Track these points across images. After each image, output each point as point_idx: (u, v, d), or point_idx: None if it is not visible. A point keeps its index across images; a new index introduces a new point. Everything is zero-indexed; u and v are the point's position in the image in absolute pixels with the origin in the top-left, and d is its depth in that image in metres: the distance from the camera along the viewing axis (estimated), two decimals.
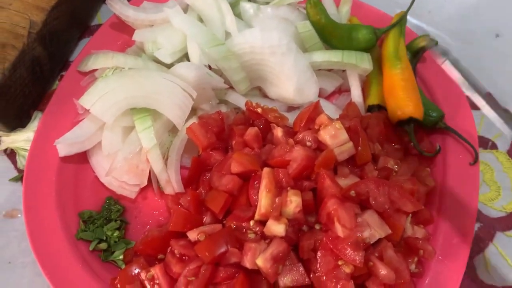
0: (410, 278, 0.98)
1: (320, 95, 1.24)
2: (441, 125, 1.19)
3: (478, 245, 1.15)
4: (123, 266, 1.05)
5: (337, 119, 1.04)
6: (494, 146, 1.29)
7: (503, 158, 1.26)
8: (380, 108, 1.21)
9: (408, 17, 1.27)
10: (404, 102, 1.14)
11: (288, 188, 0.96)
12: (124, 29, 1.29)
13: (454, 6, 1.51)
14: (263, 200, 0.95)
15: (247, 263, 0.90)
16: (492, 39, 1.45)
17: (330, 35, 1.21)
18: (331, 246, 0.91)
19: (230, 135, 1.14)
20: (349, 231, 0.89)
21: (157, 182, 1.13)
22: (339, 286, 0.89)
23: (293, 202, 0.93)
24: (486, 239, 1.16)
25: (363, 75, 1.25)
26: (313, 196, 0.98)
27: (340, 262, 0.90)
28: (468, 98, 1.25)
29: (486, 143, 1.29)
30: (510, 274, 1.12)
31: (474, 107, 1.33)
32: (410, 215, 1.02)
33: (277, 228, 0.92)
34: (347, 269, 0.89)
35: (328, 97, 1.29)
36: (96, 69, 1.21)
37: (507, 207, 1.20)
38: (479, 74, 1.40)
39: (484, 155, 1.27)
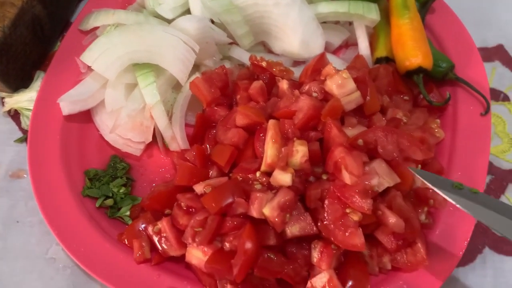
0: (420, 228, 0.97)
1: (326, 49, 1.20)
2: (451, 76, 1.16)
3: None
4: (130, 223, 1.05)
5: (344, 70, 1.02)
6: (506, 98, 1.25)
7: None
8: (388, 60, 1.18)
9: None
10: (412, 52, 1.11)
11: (294, 139, 0.94)
12: None
13: None
14: (269, 150, 0.93)
15: (254, 212, 0.89)
16: None
17: None
18: (339, 194, 0.89)
19: (235, 90, 1.12)
20: (356, 178, 0.88)
21: (162, 139, 1.12)
22: (347, 234, 0.88)
23: (300, 152, 0.92)
24: (498, 191, 1.14)
25: (370, 27, 1.21)
26: (319, 147, 0.96)
27: (348, 210, 0.89)
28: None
29: (498, 95, 1.26)
30: None
31: (486, 58, 1.30)
32: (420, 165, 1.00)
33: (283, 177, 0.90)
34: (355, 217, 0.88)
35: (335, 51, 1.26)
36: (98, 27, 1.19)
37: None
38: (490, 25, 1.37)
39: (496, 107, 1.24)
